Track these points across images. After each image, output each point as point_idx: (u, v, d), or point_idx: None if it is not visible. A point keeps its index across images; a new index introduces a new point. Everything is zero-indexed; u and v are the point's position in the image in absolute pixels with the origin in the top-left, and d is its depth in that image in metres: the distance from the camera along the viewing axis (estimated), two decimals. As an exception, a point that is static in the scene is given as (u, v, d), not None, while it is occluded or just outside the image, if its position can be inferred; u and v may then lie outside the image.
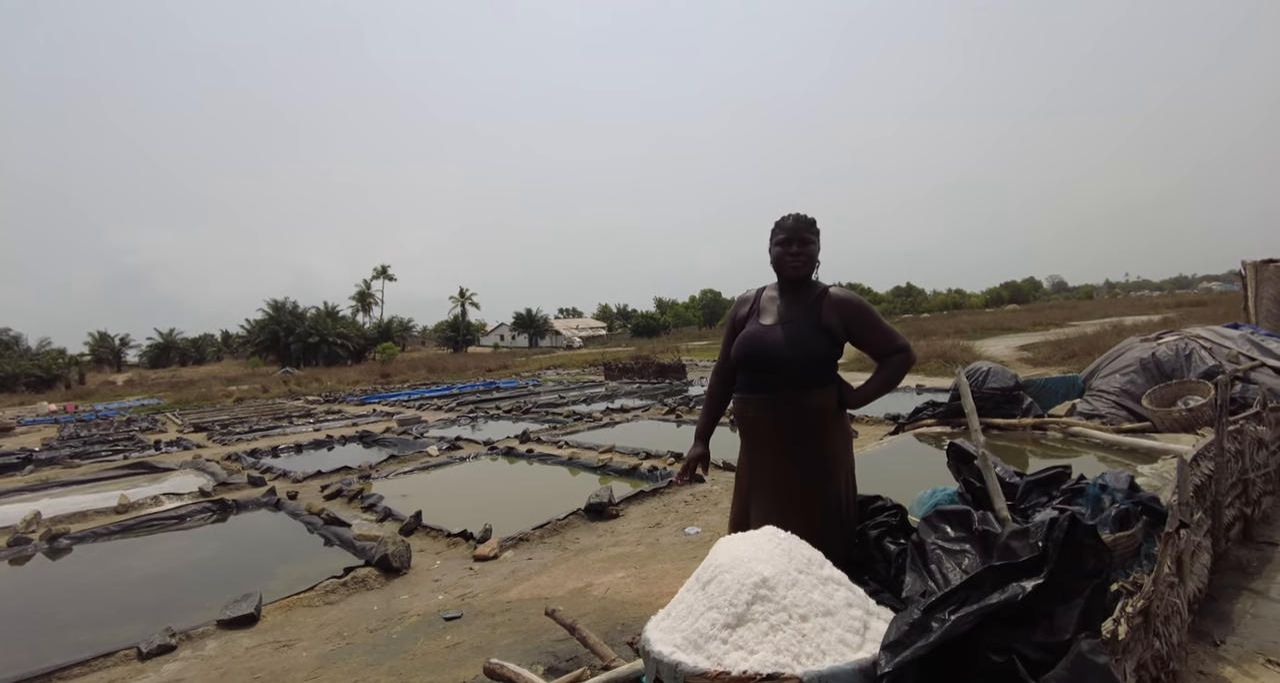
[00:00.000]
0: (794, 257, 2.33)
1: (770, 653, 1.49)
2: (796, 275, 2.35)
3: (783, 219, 2.38)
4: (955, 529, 2.02)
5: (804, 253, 2.33)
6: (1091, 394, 6.90)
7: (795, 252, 2.33)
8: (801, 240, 2.33)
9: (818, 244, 2.38)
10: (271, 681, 2.90)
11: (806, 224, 2.36)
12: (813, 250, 2.35)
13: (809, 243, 2.34)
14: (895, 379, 2.29)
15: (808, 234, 2.34)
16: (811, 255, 2.34)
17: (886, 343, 2.30)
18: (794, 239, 2.33)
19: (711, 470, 6.12)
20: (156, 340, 61.50)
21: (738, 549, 1.72)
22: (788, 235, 2.34)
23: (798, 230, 2.34)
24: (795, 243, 2.33)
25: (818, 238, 2.38)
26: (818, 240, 2.38)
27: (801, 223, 2.35)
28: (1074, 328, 22.54)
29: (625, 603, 3.32)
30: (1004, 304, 78.31)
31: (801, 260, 2.33)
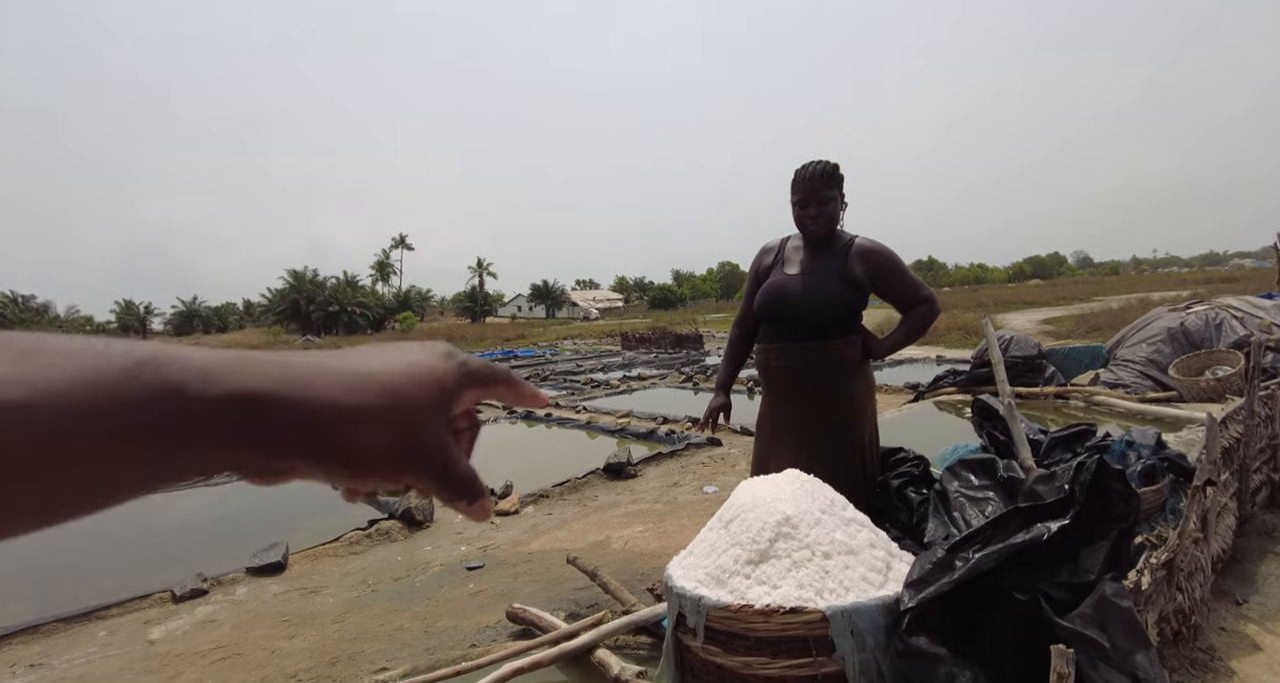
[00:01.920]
0: (813, 219, 2.23)
1: (793, 588, 1.51)
2: (815, 237, 2.28)
3: (799, 172, 2.25)
4: (979, 477, 2.01)
5: (822, 213, 2.22)
6: (1116, 364, 6.82)
7: (814, 214, 2.23)
8: (819, 199, 2.21)
9: (839, 198, 2.26)
10: (300, 623, 2.98)
11: (823, 180, 2.21)
12: (832, 208, 2.23)
13: (827, 201, 2.21)
14: (919, 330, 2.25)
15: (826, 191, 2.21)
16: (831, 214, 2.23)
17: (912, 293, 2.25)
18: (810, 198, 2.22)
19: (729, 434, 6.15)
20: (180, 308, 62.48)
21: (760, 490, 1.73)
22: (803, 194, 2.22)
23: (813, 189, 2.20)
24: (813, 204, 2.22)
25: (839, 190, 2.26)
26: (839, 193, 2.26)
27: (817, 179, 2.21)
28: (1099, 303, 22.19)
29: (644, 555, 3.36)
30: (1027, 279, 77.15)
31: (821, 222, 2.23)
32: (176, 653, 2.79)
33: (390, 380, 0.31)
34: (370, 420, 0.30)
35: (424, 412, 0.32)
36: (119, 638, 2.97)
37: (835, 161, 2.27)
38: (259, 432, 0.27)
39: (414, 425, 0.31)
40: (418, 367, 0.33)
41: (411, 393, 0.31)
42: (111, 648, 2.87)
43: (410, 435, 0.31)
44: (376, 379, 0.31)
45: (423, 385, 0.32)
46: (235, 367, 0.27)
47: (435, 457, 0.32)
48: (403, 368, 0.32)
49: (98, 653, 2.84)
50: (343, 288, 50.53)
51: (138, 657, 2.78)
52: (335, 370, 0.30)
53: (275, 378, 0.28)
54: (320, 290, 48.85)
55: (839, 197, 2.27)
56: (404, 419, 0.31)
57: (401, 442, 0.31)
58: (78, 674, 2.67)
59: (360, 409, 0.29)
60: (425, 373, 0.32)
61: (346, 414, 0.29)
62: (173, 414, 0.25)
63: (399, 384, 0.31)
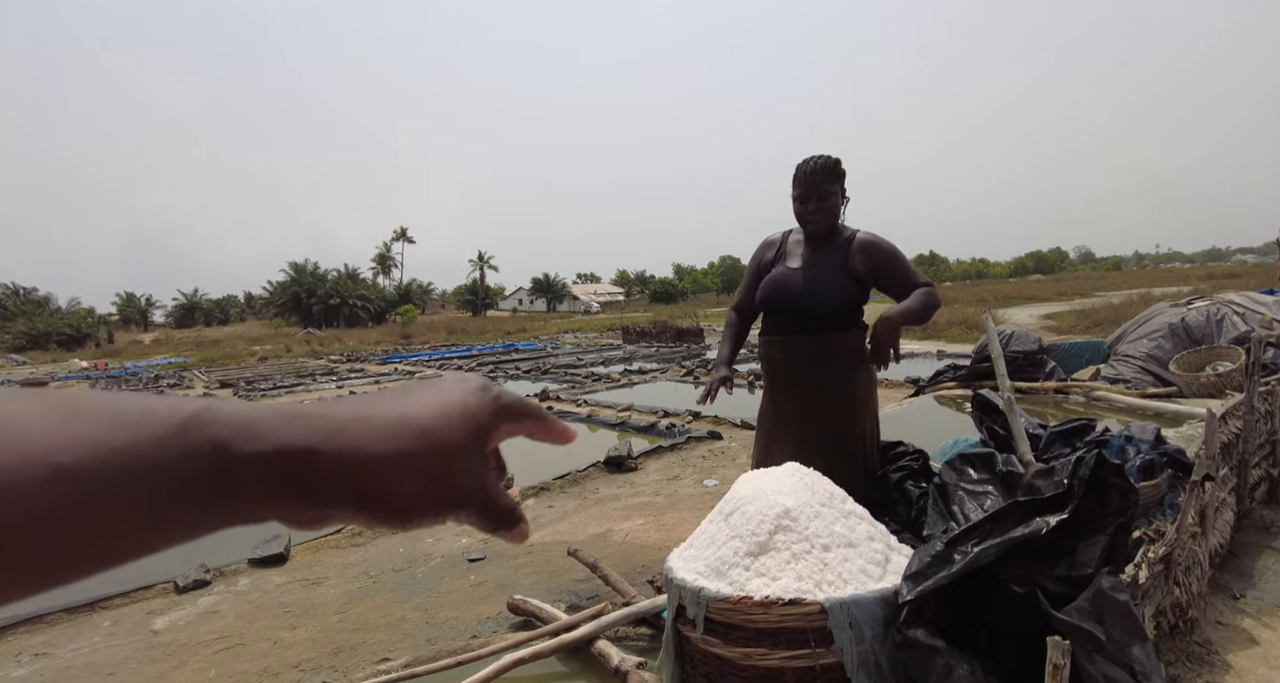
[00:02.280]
0: (813, 214, 2.24)
1: (792, 580, 1.52)
2: (816, 233, 2.29)
3: (800, 167, 2.25)
4: (979, 471, 2.02)
5: (822, 209, 2.22)
6: (1117, 359, 6.81)
7: (813, 209, 2.23)
8: (820, 194, 2.21)
9: (840, 193, 2.26)
10: (302, 614, 3.00)
11: (824, 175, 2.21)
12: (832, 203, 2.23)
13: (827, 196, 2.21)
14: (927, 306, 2.17)
15: (826, 187, 2.21)
16: (831, 209, 2.23)
17: (912, 286, 2.24)
18: (810, 194, 2.22)
19: (729, 428, 6.17)
20: (181, 301, 62.51)
21: (761, 483, 1.74)
22: (804, 189, 2.22)
23: (814, 184, 2.21)
24: (813, 199, 2.22)
25: (839, 185, 2.25)
26: (839, 187, 2.25)
27: (818, 174, 2.21)
28: (1100, 298, 22.14)
29: (644, 547, 3.38)
30: (1029, 274, 77.05)
31: (820, 217, 2.23)
32: (180, 643, 2.81)
33: (425, 423, 0.31)
34: (408, 466, 0.30)
35: (461, 452, 0.32)
36: (122, 628, 2.99)
37: (836, 157, 2.27)
38: (301, 485, 0.28)
39: (452, 466, 0.32)
40: (451, 406, 0.33)
41: (447, 434, 0.32)
42: (115, 638, 2.89)
43: (449, 477, 0.32)
44: (412, 423, 0.31)
45: (457, 424, 0.32)
46: (276, 423, 0.28)
47: (475, 494, 0.33)
48: (437, 408, 0.32)
49: (101, 643, 2.86)
50: (343, 281, 50.51)
51: (141, 647, 2.80)
52: (371, 418, 0.31)
53: (316, 431, 0.29)
54: (321, 283, 48.83)
55: (840, 192, 2.27)
56: (441, 461, 0.31)
57: (441, 484, 0.31)
58: (82, 664, 2.69)
59: (398, 456, 0.30)
60: (458, 411, 0.33)
61: (385, 463, 0.30)
62: (216, 472, 0.26)
63: (434, 426, 0.31)
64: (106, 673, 2.60)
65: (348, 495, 0.29)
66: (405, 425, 0.31)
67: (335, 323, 46.69)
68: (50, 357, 30.68)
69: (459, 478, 0.32)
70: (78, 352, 32.56)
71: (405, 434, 0.30)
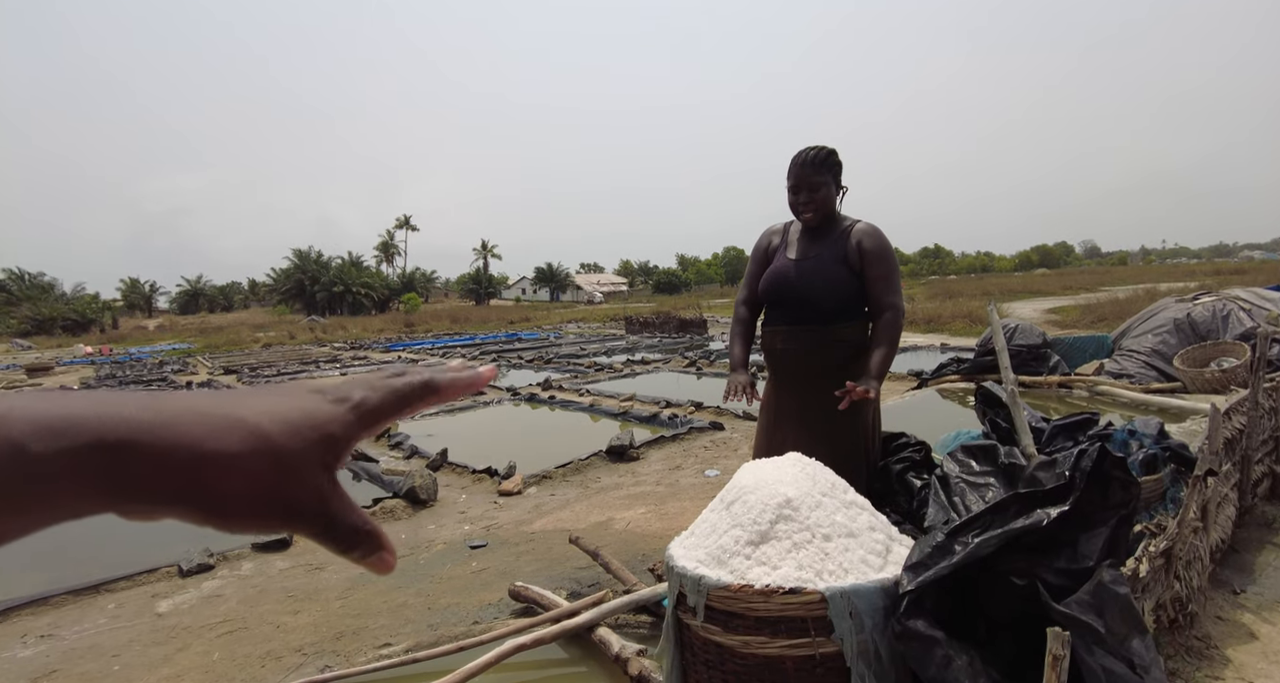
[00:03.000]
0: (804, 205, 2.24)
1: (793, 569, 1.52)
2: (809, 225, 2.29)
3: (794, 158, 2.26)
4: (980, 463, 2.02)
5: (814, 200, 2.22)
6: (1121, 354, 6.80)
7: (805, 200, 2.23)
8: (810, 185, 2.21)
9: (833, 183, 2.25)
10: (305, 599, 3.02)
11: (814, 165, 2.21)
12: (824, 194, 2.22)
13: (819, 188, 2.21)
14: (892, 341, 2.16)
15: (817, 178, 2.21)
16: (823, 200, 2.23)
17: (885, 290, 2.20)
18: (801, 185, 2.22)
19: (731, 419, 6.17)
20: (185, 287, 62.61)
21: (762, 472, 1.74)
22: (795, 180, 2.23)
23: (804, 175, 2.21)
24: (804, 189, 2.22)
25: (832, 175, 2.25)
26: (832, 178, 2.25)
27: (807, 165, 2.21)
28: (1105, 293, 22.08)
29: (646, 536, 3.39)
30: (1034, 268, 76.81)
31: (813, 208, 2.24)
32: (184, 626, 2.83)
33: (261, 426, 0.30)
34: (234, 468, 0.29)
35: (297, 460, 0.30)
36: (127, 611, 3.01)
37: (831, 148, 2.27)
38: (114, 480, 0.27)
39: (283, 474, 0.30)
40: (296, 413, 0.31)
41: (283, 441, 0.30)
42: (120, 620, 2.92)
43: (278, 485, 0.30)
44: (246, 424, 0.30)
45: (299, 433, 0.31)
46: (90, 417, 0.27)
47: (311, 509, 0.31)
48: (279, 414, 0.31)
49: (106, 625, 2.88)
50: (347, 268, 50.50)
51: (146, 629, 2.82)
52: (205, 414, 0.29)
53: (136, 424, 0.27)
54: (325, 271, 48.84)
55: (832, 182, 2.26)
56: (270, 468, 0.29)
57: (268, 491, 0.30)
58: (87, 645, 2.71)
59: (223, 455, 0.29)
60: (303, 420, 0.31)
61: (209, 459, 0.28)
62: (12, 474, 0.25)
63: (270, 431, 0.30)
64: (111, 655, 2.63)
65: (166, 491, 0.28)
66: (239, 426, 0.29)
67: (339, 310, 46.74)
68: (55, 342, 30.79)
69: (290, 488, 0.30)
70: (82, 337, 32.66)
71: (236, 435, 0.29)
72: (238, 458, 0.29)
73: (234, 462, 0.29)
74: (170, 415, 0.28)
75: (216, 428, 0.29)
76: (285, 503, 0.30)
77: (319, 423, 0.31)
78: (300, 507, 0.30)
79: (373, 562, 0.33)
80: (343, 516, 0.32)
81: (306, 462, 0.30)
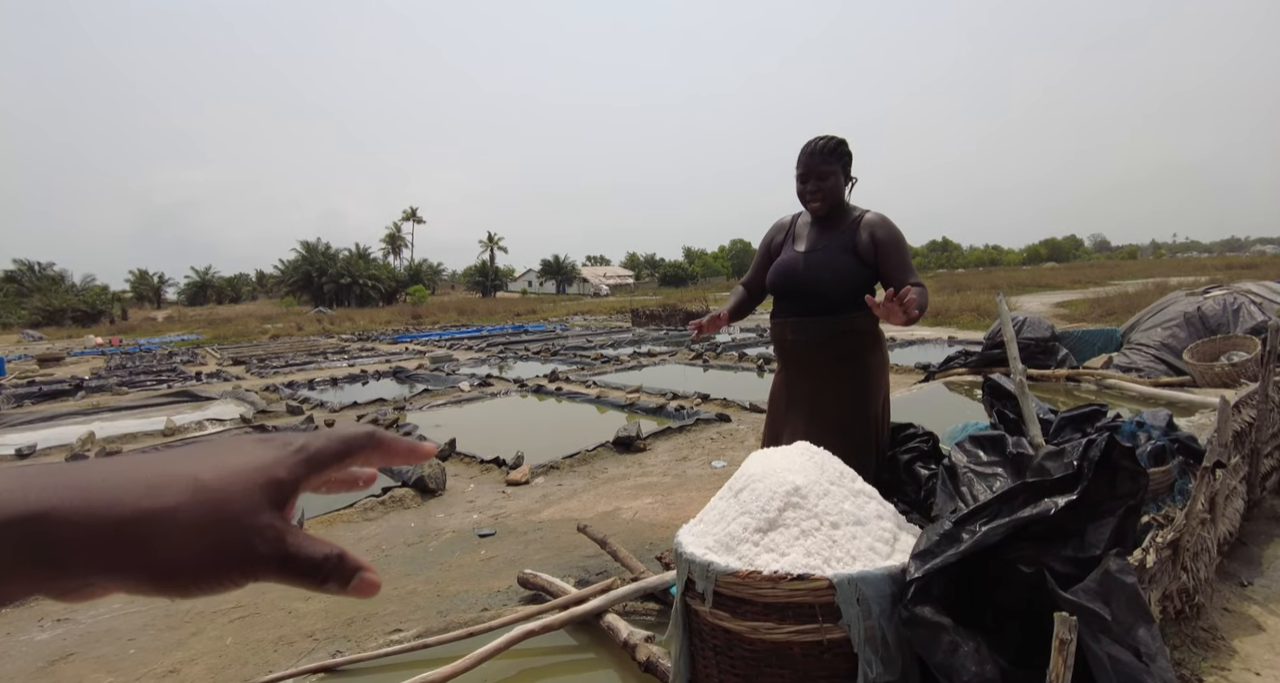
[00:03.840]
0: (811, 194, 2.25)
1: (801, 556, 1.53)
2: (817, 214, 2.30)
3: (803, 148, 2.27)
4: (988, 453, 2.02)
5: (821, 189, 2.23)
6: (1130, 348, 6.77)
7: (812, 189, 2.24)
8: (818, 174, 2.22)
9: (841, 172, 2.25)
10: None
11: (823, 155, 2.22)
12: (832, 183, 2.23)
13: (827, 176, 2.22)
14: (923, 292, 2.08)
15: (824, 166, 2.21)
16: (831, 189, 2.23)
17: (903, 276, 2.18)
18: (810, 174, 2.23)
19: (737, 411, 6.19)
20: (194, 279, 62.90)
21: (771, 461, 1.75)
22: (804, 170, 2.24)
23: (812, 164, 2.22)
24: (811, 178, 2.23)
25: (841, 164, 2.25)
26: (841, 167, 2.25)
27: (816, 155, 2.22)
28: (1114, 287, 21.97)
29: (653, 525, 3.41)
30: (1042, 262, 76.36)
31: (820, 196, 2.24)
32: (197, 611, 2.87)
33: (199, 478, 0.29)
34: (176, 522, 0.27)
35: (240, 505, 0.29)
36: (140, 597, 3.05)
37: (840, 138, 2.28)
38: (41, 555, 0.25)
39: (234, 525, 0.29)
40: (239, 459, 0.30)
41: (224, 486, 0.29)
42: (134, 606, 2.96)
43: (231, 538, 0.28)
44: (183, 478, 0.28)
45: (241, 477, 0.30)
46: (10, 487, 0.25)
47: (267, 550, 0.29)
48: (221, 463, 0.30)
49: (121, 610, 2.92)
50: (354, 260, 50.66)
51: (160, 614, 2.86)
52: (137, 473, 0.28)
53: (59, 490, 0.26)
54: (332, 262, 49.01)
55: (840, 171, 2.26)
56: (220, 520, 0.28)
57: (216, 543, 0.28)
58: (103, 630, 2.76)
59: (160, 512, 0.27)
60: (247, 463, 0.30)
61: (146, 518, 0.27)
62: None
63: (213, 482, 0.29)
64: (127, 639, 2.67)
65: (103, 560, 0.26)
66: (176, 480, 0.28)
67: (346, 302, 46.92)
68: (65, 333, 31.01)
69: (238, 533, 0.29)
70: (92, 328, 32.90)
71: (173, 489, 0.28)
72: (177, 512, 0.27)
73: (173, 517, 0.27)
74: (99, 478, 0.27)
75: (153, 486, 0.28)
76: (238, 551, 0.29)
77: (264, 466, 0.31)
78: (254, 550, 0.29)
79: (356, 587, 0.32)
80: (303, 550, 0.31)
81: (252, 505, 0.30)
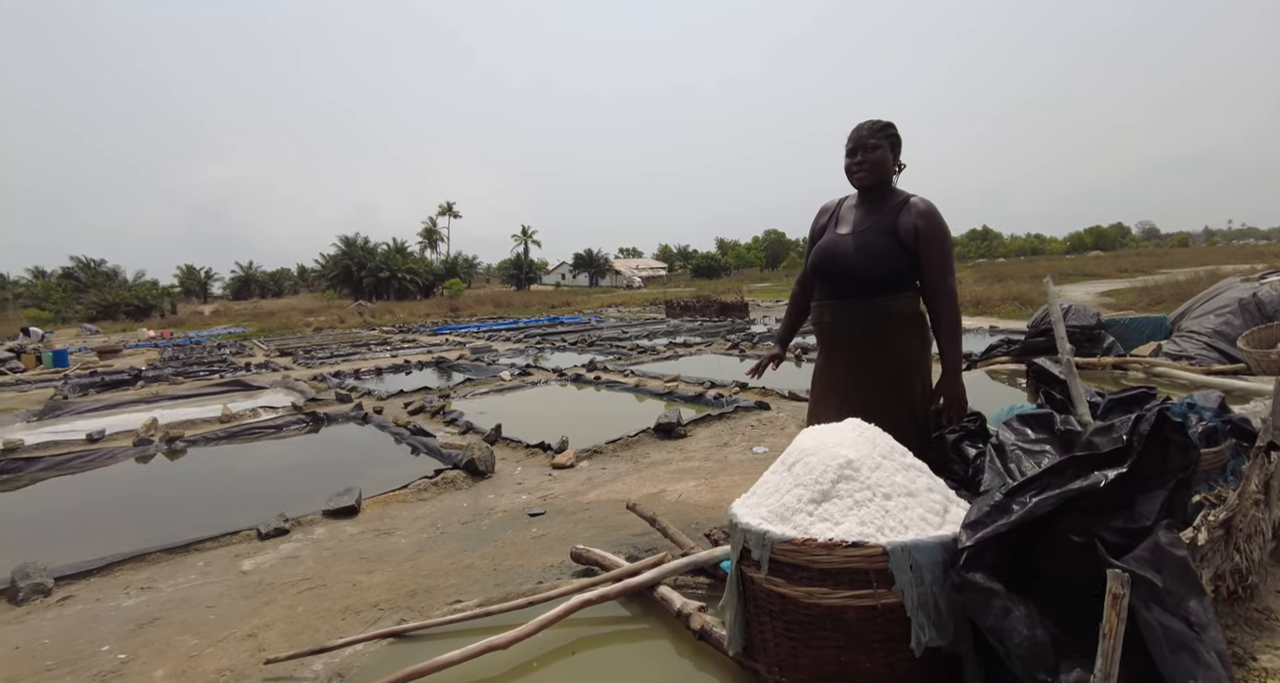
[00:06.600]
0: (857, 166, 2.31)
1: (855, 525, 1.60)
2: (862, 185, 2.35)
3: (854, 128, 2.35)
4: (1036, 431, 2.06)
5: (867, 161, 2.29)
6: (1180, 335, 6.63)
7: (859, 161, 2.30)
8: (865, 147, 2.29)
9: (888, 149, 2.31)
10: (376, 560, 3.20)
11: (871, 130, 2.29)
12: (878, 157, 2.28)
13: (874, 150, 2.28)
14: (956, 329, 2.27)
15: (871, 140, 2.28)
16: (877, 163, 2.29)
17: (939, 272, 2.24)
18: (858, 147, 2.30)
19: (776, 399, 6.22)
20: (238, 274, 64.62)
21: (823, 436, 1.81)
22: (853, 144, 2.32)
23: (860, 137, 2.30)
24: (859, 151, 2.30)
25: (889, 143, 2.31)
26: (888, 145, 2.31)
27: (864, 130, 2.30)
28: (1164, 275, 21.29)
29: (698, 506, 3.49)
30: (1087, 250, 74.23)
31: (865, 169, 2.30)
32: (268, 583, 3.03)
33: None
34: None
35: None
36: (215, 568, 3.23)
37: (889, 121, 2.34)
38: None
39: None
40: None
41: None
42: (209, 576, 3.14)
43: None
44: None
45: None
46: None
47: None
48: None
49: (198, 580, 3.10)
50: (392, 254, 51.55)
51: (234, 584, 3.03)
52: None
53: None
54: (371, 257, 49.95)
55: (886, 147, 2.31)
56: None
57: None
58: (182, 597, 2.93)
59: None
60: None
61: None
62: None
63: None
64: (206, 606, 2.84)
65: None
66: None
67: (385, 295, 47.80)
68: (120, 326, 32.19)
69: None
70: (144, 322, 34.08)
71: None
72: None
73: None
74: None
75: None
76: None
77: None
78: None
79: None
80: None
81: None
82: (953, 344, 2.25)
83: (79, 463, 5.49)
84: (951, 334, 2.25)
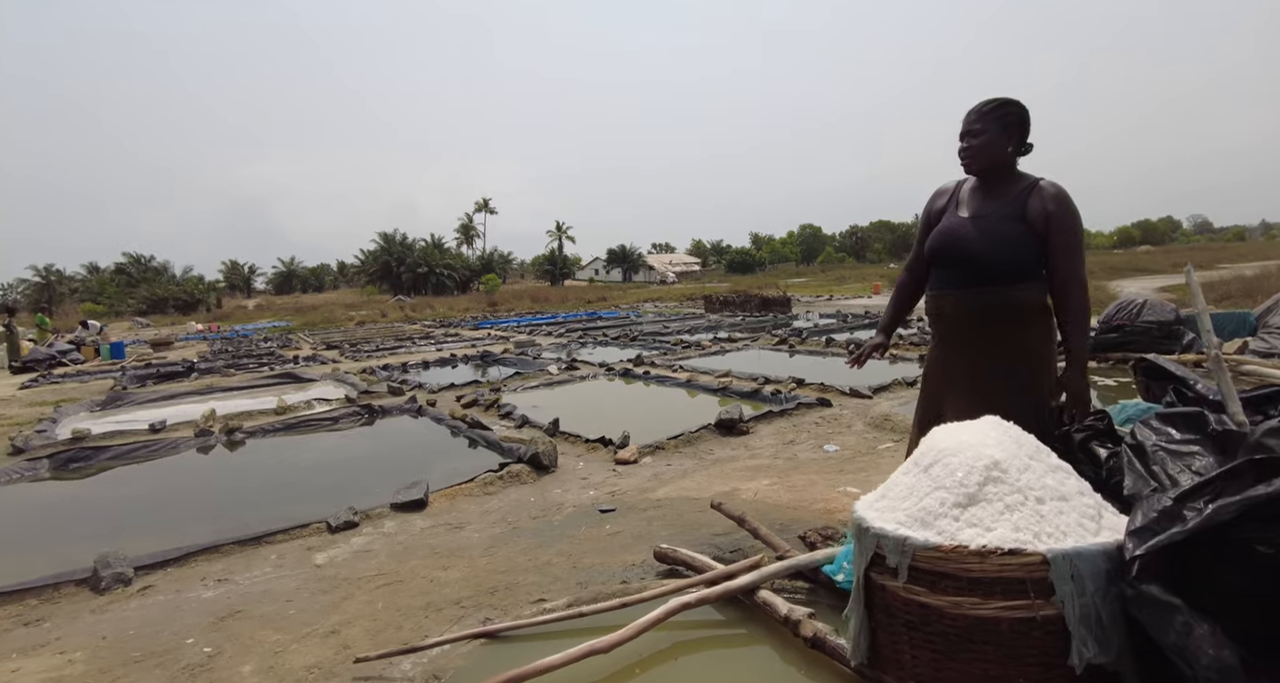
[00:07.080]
0: (964, 151, 2.21)
1: (1009, 530, 1.47)
2: (970, 171, 2.24)
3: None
4: (1182, 431, 1.89)
5: (971, 146, 2.18)
6: (1267, 331, 6.29)
7: (964, 146, 2.20)
8: (970, 132, 2.17)
9: (997, 132, 2.15)
10: (450, 556, 3.14)
11: (978, 113, 2.17)
12: (984, 142, 2.15)
13: (979, 135, 2.15)
14: (1085, 320, 2.15)
15: (977, 124, 2.16)
16: (982, 147, 2.16)
17: (1069, 261, 2.10)
18: (965, 132, 2.19)
19: (837, 396, 6.05)
20: (280, 269, 66.05)
21: (962, 435, 1.68)
22: (964, 128, 2.20)
23: (967, 121, 2.19)
24: (966, 136, 2.19)
25: (999, 124, 2.15)
26: (998, 127, 2.14)
27: (972, 113, 2.19)
28: (1226, 270, 20.46)
29: (777, 506, 3.37)
30: (1136, 245, 71.94)
31: (970, 155, 2.19)
32: (343, 577, 3.00)
33: None
34: None
35: None
36: (288, 561, 3.21)
37: (1005, 99, 2.19)
38: None
39: None
40: None
41: None
42: (284, 569, 3.12)
43: None
44: None
45: None
46: None
47: None
48: None
49: (272, 573, 3.08)
50: (430, 250, 52.16)
51: (309, 578, 3.00)
52: None
53: None
54: (409, 252, 50.60)
55: (995, 131, 2.16)
56: None
57: None
58: (260, 591, 2.91)
59: None
60: None
61: None
62: None
63: None
64: (285, 600, 2.81)
65: None
66: None
67: (424, 290, 48.38)
68: (169, 320, 33.08)
69: None
70: (192, 316, 35.01)
71: None
72: None
73: None
74: None
75: None
76: None
77: None
78: None
79: None
80: None
81: None
82: (1081, 337, 2.10)
83: (144, 453, 5.58)
84: (1081, 326, 2.10)
